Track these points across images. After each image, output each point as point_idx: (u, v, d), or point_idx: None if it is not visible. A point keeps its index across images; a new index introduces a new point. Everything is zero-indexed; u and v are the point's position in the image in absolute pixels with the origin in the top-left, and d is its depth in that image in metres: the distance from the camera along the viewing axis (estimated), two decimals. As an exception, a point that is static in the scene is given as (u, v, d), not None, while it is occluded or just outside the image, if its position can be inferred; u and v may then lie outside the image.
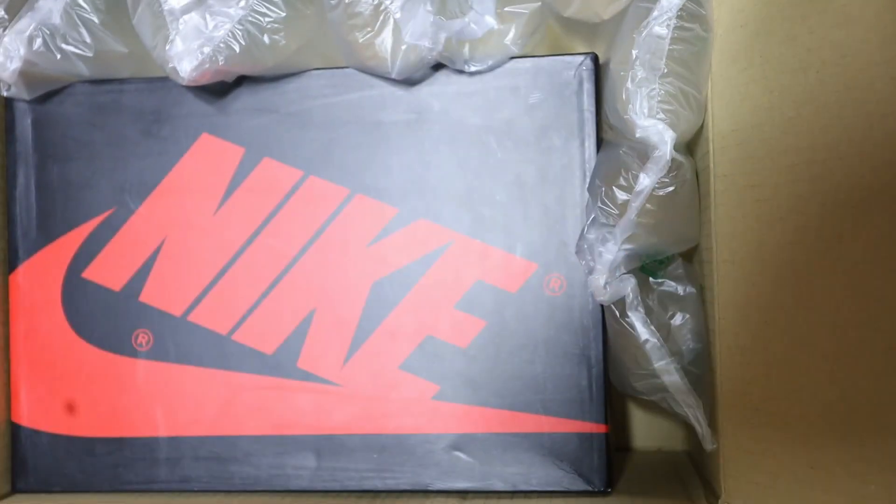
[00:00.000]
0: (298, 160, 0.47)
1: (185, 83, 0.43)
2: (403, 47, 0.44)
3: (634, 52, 0.41)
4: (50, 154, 0.49)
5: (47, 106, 0.49)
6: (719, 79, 0.43)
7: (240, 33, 0.43)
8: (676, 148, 0.41)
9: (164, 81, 0.48)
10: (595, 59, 0.46)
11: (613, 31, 0.45)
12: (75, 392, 0.48)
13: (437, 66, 0.46)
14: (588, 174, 0.45)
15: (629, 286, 0.43)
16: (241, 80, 0.47)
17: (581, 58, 0.46)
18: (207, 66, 0.43)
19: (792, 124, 0.37)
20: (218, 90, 0.47)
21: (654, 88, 0.41)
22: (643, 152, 0.42)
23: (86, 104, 0.48)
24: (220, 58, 0.43)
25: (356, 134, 0.47)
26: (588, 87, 0.45)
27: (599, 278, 0.42)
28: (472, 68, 0.45)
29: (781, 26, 0.37)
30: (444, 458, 0.46)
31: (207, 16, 0.43)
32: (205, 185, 0.48)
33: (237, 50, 0.43)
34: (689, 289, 0.46)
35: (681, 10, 0.41)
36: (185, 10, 0.43)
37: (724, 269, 0.43)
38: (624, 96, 0.41)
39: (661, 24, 0.41)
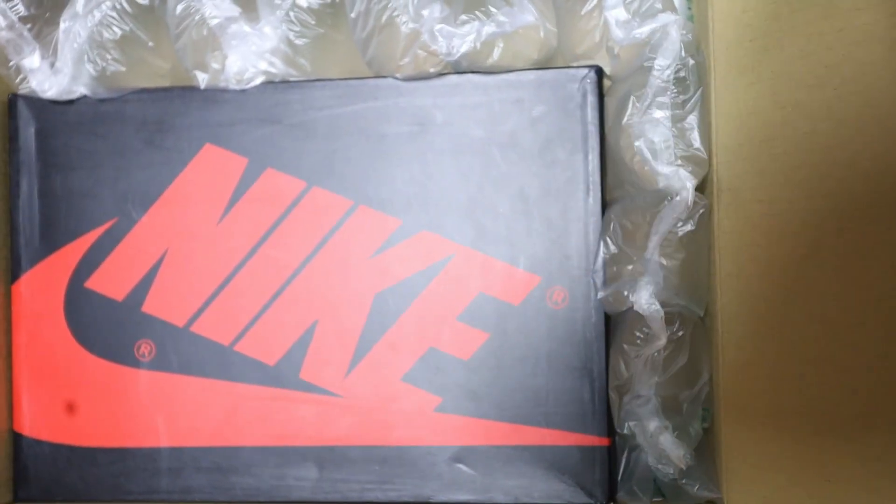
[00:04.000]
0: (301, 171, 0.47)
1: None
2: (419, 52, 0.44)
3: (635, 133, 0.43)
4: (53, 163, 0.49)
5: (51, 115, 0.48)
6: (724, 93, 0.42)
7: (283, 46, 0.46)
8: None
9: (168, 91, 0.48)
10: (599, 71, 0.45)
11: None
12: (77, 402, 0.48)
13: (441, 78, 0.46)
14: (592, 187, 0.45)
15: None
16: (245, 91, 0.47)
17: (585, 70, 0.45)
18: (260, 78, 0.47)
19: (807, 139, 0.37)
20: (221, 100, 0.47)
21: (668, 145, 0.42)
22: (661, 195, 0.43)
23: (89, 113, 0.48)
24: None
25: (359, 145, 0.47)
26: (592, 100, 0.45)
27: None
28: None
29: (794, 43, 0.37)
30: (445, 471, 0.46)
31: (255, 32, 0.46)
32: (208, 196, 0.47)
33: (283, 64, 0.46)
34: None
35: (677, 74, 0.42)
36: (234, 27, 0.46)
37: (729, 282, 0.43)
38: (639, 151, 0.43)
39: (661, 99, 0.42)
